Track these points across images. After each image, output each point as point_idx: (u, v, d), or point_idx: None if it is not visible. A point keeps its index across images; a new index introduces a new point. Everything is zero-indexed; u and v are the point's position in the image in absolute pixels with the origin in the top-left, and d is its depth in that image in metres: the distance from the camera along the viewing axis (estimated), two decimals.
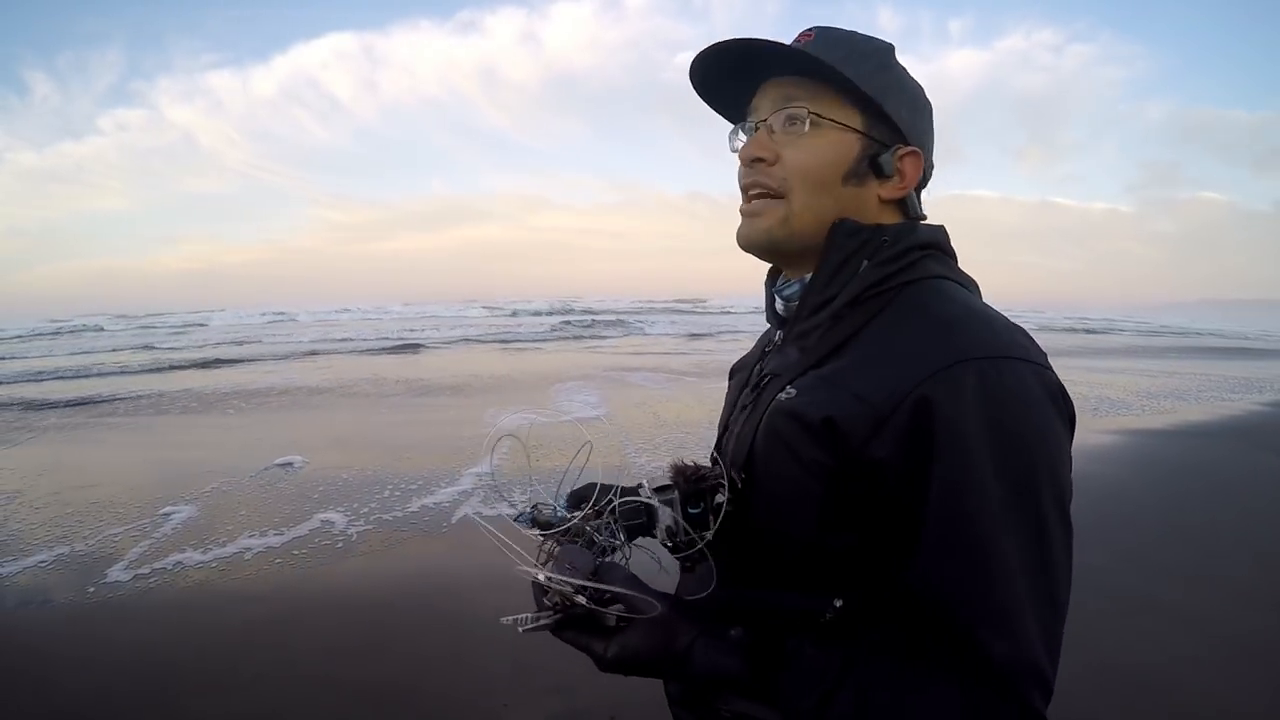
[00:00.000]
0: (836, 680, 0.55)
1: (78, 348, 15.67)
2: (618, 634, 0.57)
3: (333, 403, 7.83)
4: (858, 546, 0.60)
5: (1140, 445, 5.67)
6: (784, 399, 0.64)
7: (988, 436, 0.54)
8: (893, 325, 0.62)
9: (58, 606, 2.78)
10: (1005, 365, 0.56)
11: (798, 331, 0.70)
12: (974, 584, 0.54)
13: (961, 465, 0.54)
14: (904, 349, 0.59)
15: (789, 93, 0.68)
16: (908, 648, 0.56)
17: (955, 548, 0.54)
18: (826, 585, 0.61)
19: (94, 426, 6.54)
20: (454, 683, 2.25)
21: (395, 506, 3.89)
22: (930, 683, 0.54)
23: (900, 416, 0.55)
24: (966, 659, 0.53)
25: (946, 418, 0.54)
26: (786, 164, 0.67)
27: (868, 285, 0.65)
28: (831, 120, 0.67)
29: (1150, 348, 17.48)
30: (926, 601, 0.56)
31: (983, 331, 0.58)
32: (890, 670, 0.55)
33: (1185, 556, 3.29)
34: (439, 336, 17.10)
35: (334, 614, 2.70)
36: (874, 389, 0.57)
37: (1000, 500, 0.54)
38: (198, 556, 3.23)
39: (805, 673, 0.55)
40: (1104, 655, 2.36)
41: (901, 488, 0.56)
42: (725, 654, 0.57)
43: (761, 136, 0.69)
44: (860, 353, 0.62)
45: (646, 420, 6.23)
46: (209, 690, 2.20)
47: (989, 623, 0.53)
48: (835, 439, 0.58)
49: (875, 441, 0.56)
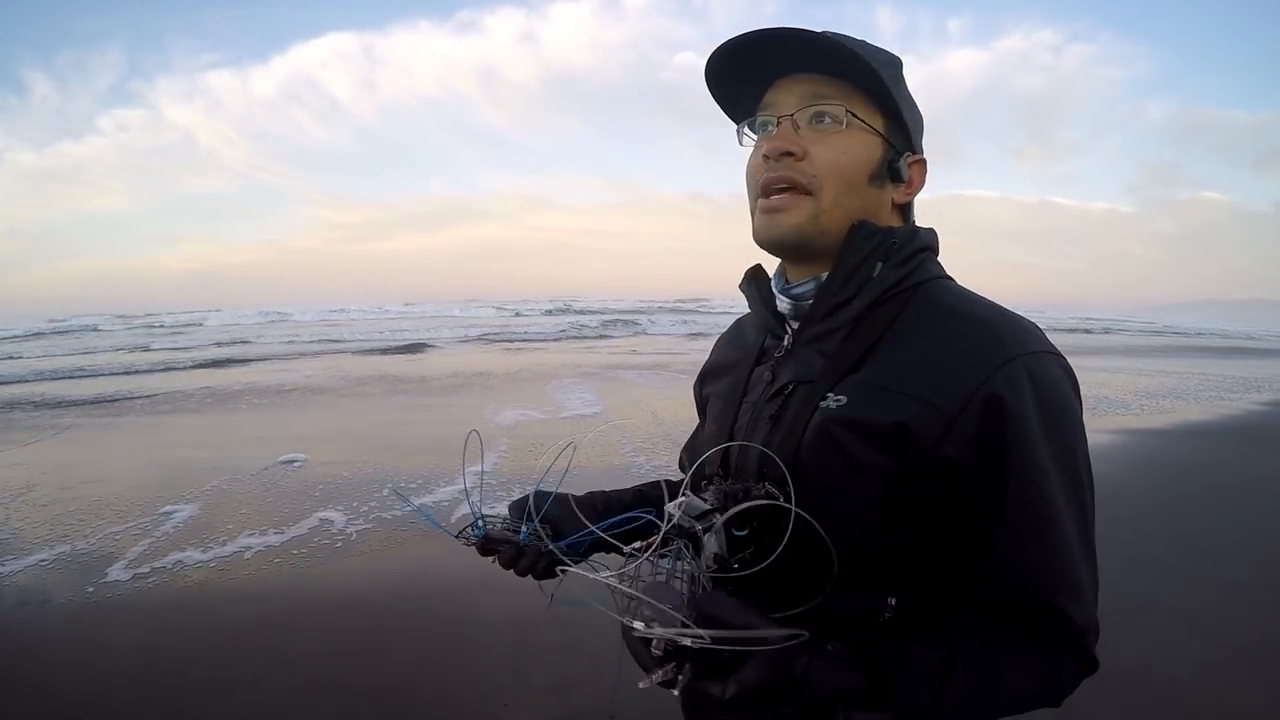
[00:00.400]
0: (943, 672, 0.56)
1: (73, 348, 15.65)
2: (734, 671, 0.53)
3: (334, 401, 7.83)
4: (915, 545, 0.62)
5: (1140, 445, 5.67)
6: (834, 407, 0.63)
7: (1044, 426, 0.59)
8: (923, 326, 0.64)
9: (56, 606, 2.77)
10: (1045, 359, 0.61)
11: (813, 334, 0.69)
12: (1053, 561, 0.60)
13: (1032, 456, 0.59)
14: (954, 351, 0.61)
15: (818, 90, 0.67)
16: (984, 629, 0.61)
17: (1034, 531, 0.59)
18: (881, 585, 0.63)
19: (89, 427, 6.53)
20: (454, 683, 2.25)
21: (394, 505, 3.89)
22: (1018, 654, 0.59)
23: (969, 416, 0.59)
24: (1047, 627, 0.60)
25: (1013, 413, 0.58)
26: (817, 160, 0.67)
27: (886, 287, 0.66)
28: (862, 121, 0.67)
29: (1150, 346, 17.49)
30: (1007, 582, 0.60)
31: (1017, 329, 0.62)
32: (981, 652, 0.59)
33: (1185, 557, 3.29)
34: (440, 336, 17.10)
35: (333, 615, 2.70)
36: (937, 391, 0.59)
37: (1059, 483, 0.60)
38: (198, 555, 3.23)
39: (916, 672, 0.56)
40: (1103, 656, 2.34)
41: (975, 483, 0.60)
42: (842, 670, 0.55)
43: (788, 131, 0.68)
44: (899, 355, 0.63)
45: (643, 418, 6.23)
46: (208, 692, 2.19)
47: (1066, 592, 0.60)
48: (905, 443, 0.60)
49: (945, 441, 0.59)
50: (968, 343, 0.61)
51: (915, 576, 0.63)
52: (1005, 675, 0.58)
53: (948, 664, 0.57)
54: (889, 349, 0.64)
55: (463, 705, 2.14)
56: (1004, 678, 0.58)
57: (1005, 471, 0.59)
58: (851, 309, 0.67)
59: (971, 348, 0.60)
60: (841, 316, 0.67)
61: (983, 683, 0.57)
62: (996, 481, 0.59)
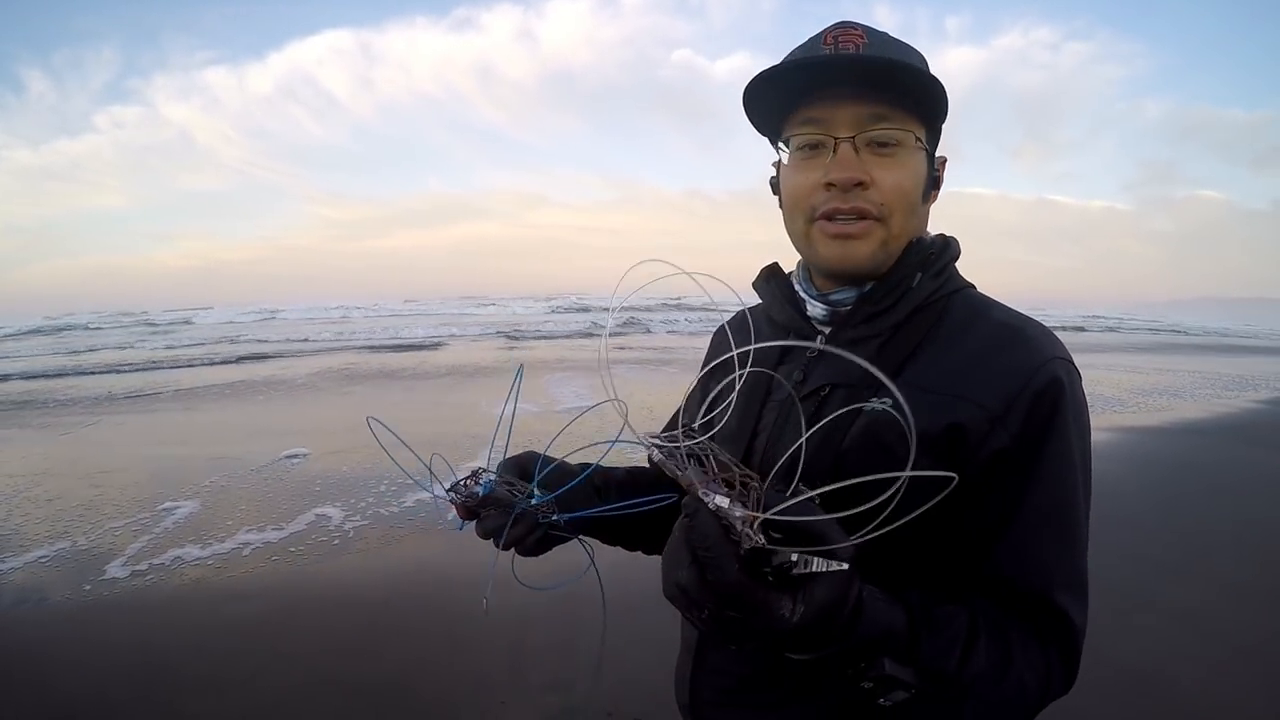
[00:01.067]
0: (969, 638, 0.56)
1: (64, 346, 15.60)
2: (802, 589, 0.46)
3: (334, 398, 7.82)
4: (943, 538, 0.63)
5: (1137, 443, 5.68)
6: (879, 410, 0.63)
7: (1073, 424, 0.62)
8: (960, 333, 0.66)
9: (54, 604, 2.77)
10: (1071, 367, 0.65)
11: (849, 338, 0.69)
12: (1065, 555, 0.61)
13: (1064, 450, 0.61)
14: (995, 355, 0.63)
15: (878, 111, 0.65)
16: (996, 609, 0.61)
17: (1051, 520, 0.61)
18: (908, 579, 0.61)
19: (89, 425, 6.52)
20: (451, 681, 2.25)
21: (392, 501, 3.89)
22: (1025, 639, 0.59)
23: (1015, 414, 0.61)
24: (1046, 622, 0.60)
25: (1055, 408, 0.61)
26: (884, 188, 0.66)
27: (924, 296, 0.68)
28: (918, 142, 0.67)
29: (1150, 344, 17.51)
30: (1016, 570, 0.61)
31: (1048, 335, 0.66)
32: (999, 625, 0.59)
33: (1183, 555, 3.30)
34: (441, 333, 17.06)
35: (331, 611, 2.70)
36: (983, 392, 0.61)
37: (1081, 482, 0.63)
38: (196, 552, 3.23)
39: (946, 631, 0.56)
40: (1101, 654, 2.36)
41: (1009, 473, 0.61)
42: (889, 606, 0.53)
43: (850, 157, 0.65)
44: (941, 360, 0.65)
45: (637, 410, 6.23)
46: (205, 689, 2.19)
47: (1070, 590, 0.61)
48: (956, 442, 0.61)
49: (992, 437, 0.61)
50: (1007, 347, 0.63)
51: (942, 569, 0.64)
52: (1015, 656, 0.58)
53: (974, 629, 0.57)
54: (929, 355, 0.65)
55: (460, 702, 2.15)
56: (1015, 658, 0.57)
57: (1038, 461, 0.61)
58: (891, 317, 0.68)
59: (1011, 351, 0.63)
60: (880, 324, 0.68)
61: (1001, 657, 0.57)
62: (1028, 469, 0.61)
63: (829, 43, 0.66)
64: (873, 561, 0.59)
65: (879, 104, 0.65)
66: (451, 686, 2.22)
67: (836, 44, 0.66)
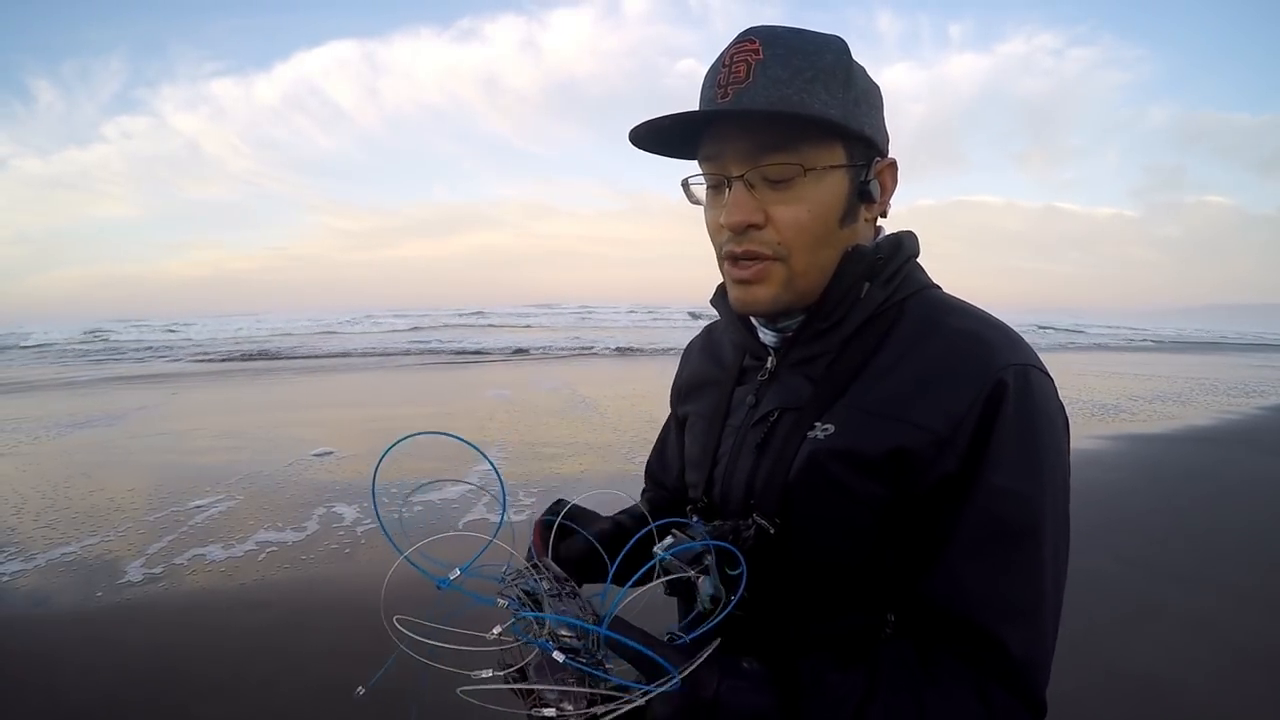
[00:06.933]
0: (862, 702, 0.53)
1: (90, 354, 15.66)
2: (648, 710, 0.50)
3: (357, 405, 7.84)
4: (897, 562, 0.60)
5: (1144, 450, 5.67)
6: (822, 437, 0.60)
7: (1021, 438, 0.56)
8: (911, 346, 0.61)
9: (65, 607, 2.79)
10: (1032, 373, 0.58)
11: (796, 358, 0.66)
12: (1001, 581, 0.55)
13: (1001, 467, 0.55)
14: (945, 370, 0.58)
15: (763, 140, 0.59)
16: (920, 656, 0.56)
17: (986, 545, 0.55)
18: (878, 604, 0.61)
19: (110, 425, 6.56)
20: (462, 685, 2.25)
21: (406, 505, 3.91)
22: (945, 688, 0.54)
23: (962, 435, 0.56)
24: (984, 656, 0.54)
25: (995, 421, 0.56)
26: (780, 225, 0.60)
27: (875, 306, 0.63)
28: (820, 167, 0.60)
29: (1153, 347, 17.41)
30: (947, 600, 0.56)
31: (1005, 339, 0.59)
32: (910, 681, 0.54)
33: (1191, 562, 3.29)
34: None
35: (341, 616, 2.71)
36: (929, 414, 0.57)
37: (1026, 499, 0.55)
38: (218, 553, 3.27)
39: (832, 698, 0.53)
40: (1109, 661, 2.36)
41: (950, 495, 0.56)
42: (754, 691, 0.52)
43: (742, 197, 0.60)
44: (889, 378, 0.60)
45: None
46: (215, 695, 2.20)
47: (1007, 618, 0.54)
48: (899, 470, 0.57)
49: (939, 461, 0.56)
50: (959, 359, 0.58)
51: (902, 592, 0.60)
52: (929, 706, 0.53)
53: (870, 692, 0.53)
54: (877, 372, 0.61)
55: (471, 710, 2.14)
56: (927, 709, 0.53)
57: (976, 476, 0.55)
58: (839, 332, 0.64)
59: (962, 365, 0.58)
60: (829, 340, 0.64)
61: (906, 711, 0.53)
62: (965, 491, 0.56)
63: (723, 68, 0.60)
64: (866, 594, 0.60)
65: (762, 134, 0.59)
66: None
67: (730, 68, 0.59)
